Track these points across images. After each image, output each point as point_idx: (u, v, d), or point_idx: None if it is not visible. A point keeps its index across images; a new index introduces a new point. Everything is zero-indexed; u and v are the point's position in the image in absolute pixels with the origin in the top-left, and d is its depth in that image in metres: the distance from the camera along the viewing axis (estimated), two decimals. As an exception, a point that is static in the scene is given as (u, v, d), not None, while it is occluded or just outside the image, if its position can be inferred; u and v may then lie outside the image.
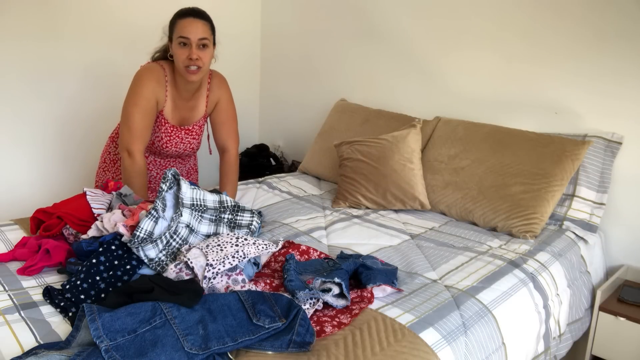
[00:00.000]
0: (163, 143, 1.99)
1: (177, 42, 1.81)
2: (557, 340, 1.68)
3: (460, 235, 1.87)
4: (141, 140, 1.88)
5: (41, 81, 2.47)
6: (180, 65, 1.82)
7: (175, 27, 1.82)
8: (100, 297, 1.27)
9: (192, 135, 2.03)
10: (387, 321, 1.22)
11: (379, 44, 2.69)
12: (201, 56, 1.81)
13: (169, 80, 1.91)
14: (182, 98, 1.96)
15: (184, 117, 2.00)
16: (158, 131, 1.96)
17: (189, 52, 1.79)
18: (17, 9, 2.32)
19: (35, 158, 2.55)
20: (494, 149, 2.06)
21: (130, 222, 1.44)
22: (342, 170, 2.21)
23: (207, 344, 1.06)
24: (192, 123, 2.02)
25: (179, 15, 1.83)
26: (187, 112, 2.00)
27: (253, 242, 1.44)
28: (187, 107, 1.99)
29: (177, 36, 1.80)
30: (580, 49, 2.03)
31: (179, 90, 1.93)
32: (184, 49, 1.80)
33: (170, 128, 1.97)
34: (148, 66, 1.92)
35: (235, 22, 3.17)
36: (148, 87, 1.86)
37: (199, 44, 1.80)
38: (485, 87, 2.32)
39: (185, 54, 1.80)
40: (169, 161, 2.12)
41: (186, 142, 2.04)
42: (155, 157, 2.09)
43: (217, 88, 2.04)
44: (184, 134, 2.01)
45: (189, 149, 2.07)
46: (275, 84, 3.32)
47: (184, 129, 2.00)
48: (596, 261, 1.97)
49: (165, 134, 1.97)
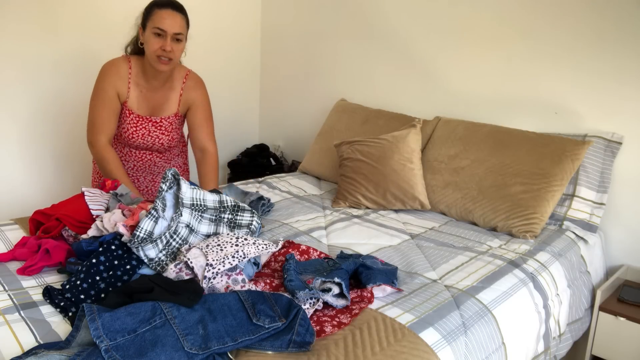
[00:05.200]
0: (129, 134, 2.00)
1: (152, 32, 1.82)
2: (557, 340, 1.68)
3: (460, 235, 1.87)
4: (101, 132, 1.92)
5: (40, 79, 2.47)
6: (152, 55, 1.85)
7: (152, 16, 1.83)
8: (100, 297, 1.27)
9: (161, 130, 2.03)
10: (387, 321, 1.22)
11: (379, 44, 2.69)
12: (174, 49, 1.84)
13: (133, 72, 1.94)
14: (151, 88, 1.98)
15: (153, 107, 2.01)
16: (124, 122, 1.98)
17: (163, 43, 1.82)
18: (15, 8, 2.32)
19: (34, 157, 2.55)
20: (494, 149, 2.06)
21: (130, 222, 1.44)
22: (342, 170, 2.21)
23: (207, 344, 1.06)
24: (161, 116, 2.02)
25: (158, 4, 1.84)
26: (157, 103, 2.01)
27: (253, 242, 1.44)
28: (156, 97, 2.00)
29: (153, 26, 1.81)
30: (581, 49, 2.03)
31: (147, 79, 1.96)
32: (158, 39, 1.82)
33: (136, 118, 1.98)
34: (110, 60, 1.96)
35: (235, 22, 3.17)
36: (107, 80, 1.91)
37: (174, 37, 1.83)
38: (485, 86, 2.32)
39: (158, 44, 1.82)
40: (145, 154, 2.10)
41: (154, 136, 2.04)
42: (130, 149, 2.09)
43: (192, 89, 2.05)
44: (152, 126, 2.01)
45: (158, 143, 2.06)
46: (275, 84, 3.32)
47: (151, 121, 2.00)
48: (596, 261, 1.97)
49: (132, 124, 1.98)
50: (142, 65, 1.95)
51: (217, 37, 3.09)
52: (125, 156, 2.10)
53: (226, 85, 3.16)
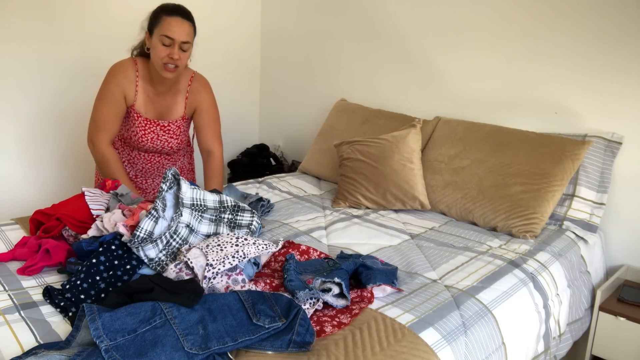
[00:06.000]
0: (139, 138, 2.00)
1: (159, 39, 1.80)
2: (557, 340, 1.68)
3: (460, 235, 1.87)
4: (104, 132, 1.91)
5: (41, 81, 2.47)
6: (158, 61, 1.83)
7: (160, 23, 1.80)
8: (100, 297, 1.27)
9: (169, 134, 2.02)
10: (387, 321, 1.22)
11: (379, 44, 2.69)
12: (181, 57, 1.83)
13: (140, 75, 1.93)
14: (158, 92, 1.97)
15: (160, 111, 2.00)
16: (132, 126, 1.98)
17: (170, 51, 1.80)
18: (16, 10, 2.32)
19: (35, 158, 2.55)
20: (494, 149, 2.06)
21: (130, 222, 1.44)
22: (342, 170, 2.21)
23: (207, 344, 1.06)
24: (169, 120, 2.01)
25: (166, 11, 1.81)
26: (164, 107, 2.00)
27: (253, 242, 1.44)
28: (163, 101, 1.99)
29: (161, 33, 1.79)
30: (580, 49, 2.03)
31: (153, 84, 1.95)
32: (165, 46, 1.80)
33: (144, 121, 1.97)
34: (119, 62, 1.94)
35: (235, 22, 3.17)
36: (114, 81, 1.89)
37: (181, 45, 1.81)
38: (485, 87, 2.32)
39: (165, 52, 1.80)
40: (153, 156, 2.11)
41: (163, 140, 2.04)
42: (138, 152, 2.09)
43: (197, 92, 2.03)
44: (160, 130, 2.00)
45: (167, 147, 2.06)
46: (275, 84, 3.32)
47: (159, 125, 2.00)
48: (596, 261, 1.97)
49: (140, 128, 1.97)
50: (149, 68, 1.94)
51: (217, 37, 3.09)
52: (133, 159, 2.10)
53: (226, 85, 3.16)
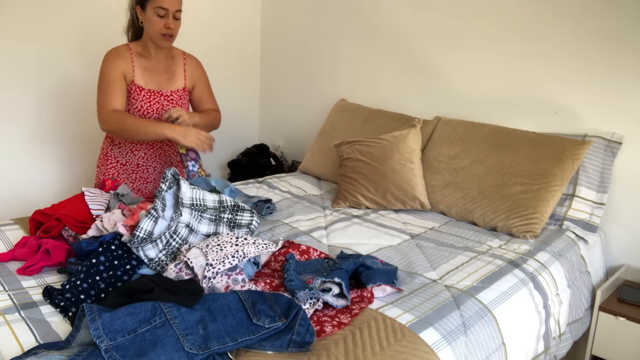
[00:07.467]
0: (144, 111, 2.04)
1: (153, 11, 1.93)
2: (557, 340, 1.68)
3: (460, 235, 1.87)
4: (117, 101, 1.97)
5: (41, 80, 2.47)
6: (156, 33, 1.96)
7: None
8: (100, 297, 1.27)
9: (174, 103, 2.10)
10: (387, 321, 1.22)
11: (379, 43, 2.69)
12: (175, 25, 1.98)
13: (134, 51, 2.04)
14: (154, 63, 2.08)
15: (160, 81, 2.09)
16: (136, 102, 2.03)
17: (166, 22, 1.94)
18: (16, 10, 2.32)
19: (35, 157, 2.55)
20: (494, 149, 2.06)
21: (130, 222, 1.44)
22: (342, 170, 2.21)
23: (207, 344, 1.06)
24: (171, 89, 2.09)
25: None
26: (163, 78, 2.09)
27: (253, 241, 1.44)
28: (160, 70, 2.09)
29: (155, 6, 1.92)
30: (581, 49, 2.03)
31: (148, 57, 2.06)
32: (161, 18, 1.94)
33: (147, 93, 2.04)
34: (111, 49, 2.06)
35: (235, 22, 3.17)
36: (111, 64, 1.99)
37: (174, 14, 1.95)
38: (485, 87, 2.32)
39: (162, 23, 1.94)
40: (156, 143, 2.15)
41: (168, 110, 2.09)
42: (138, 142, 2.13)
43: (195, 67, 2.18)
44: (164, 99, 2.07)
45: None
46: (275, 83, 3.32)
47: (162, 94, 2.07)
48: (596, 261, 1.97)
49: (145, 100, 2.04)
50: (141, 45, 2.05)
51: (217, 37, 3.09)
52: (135, 146, 2.12)
53: (226, 85, 3.16)
